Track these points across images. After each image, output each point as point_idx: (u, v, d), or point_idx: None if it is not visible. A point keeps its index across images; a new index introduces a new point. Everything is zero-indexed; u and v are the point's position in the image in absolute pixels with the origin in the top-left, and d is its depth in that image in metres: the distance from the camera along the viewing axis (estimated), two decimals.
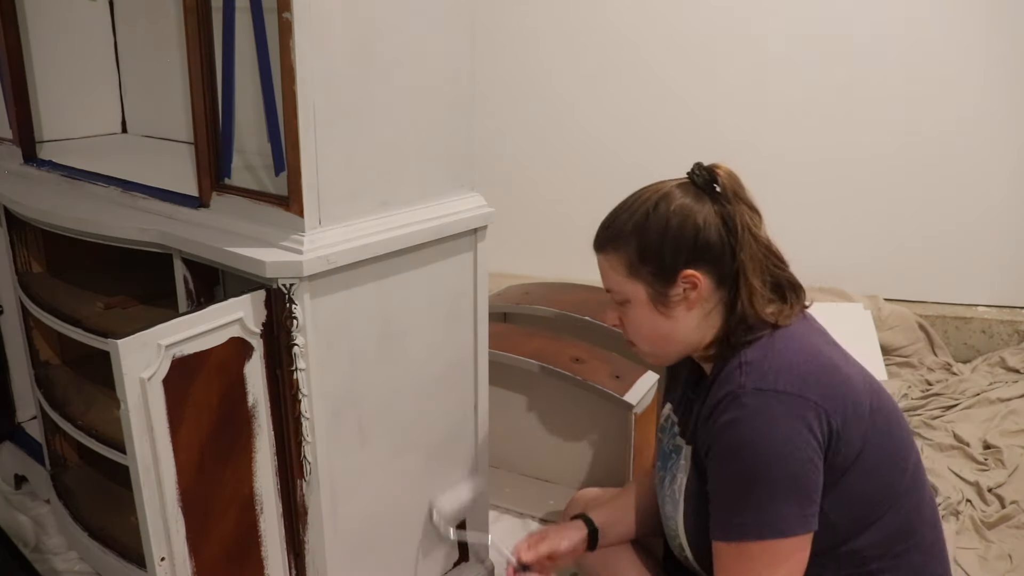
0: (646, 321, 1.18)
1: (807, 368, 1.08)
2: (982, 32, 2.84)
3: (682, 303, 1.14)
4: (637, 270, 1.15)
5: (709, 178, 1.15)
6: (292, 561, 1.39)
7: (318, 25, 1.17)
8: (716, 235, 1.12)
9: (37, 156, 1.79)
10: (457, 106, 1.44)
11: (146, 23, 2.00)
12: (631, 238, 1.15)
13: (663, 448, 1.31)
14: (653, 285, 1.15)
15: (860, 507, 1.11)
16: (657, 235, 1.13)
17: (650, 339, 1.20)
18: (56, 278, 1.80)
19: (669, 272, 1.13)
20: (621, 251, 1.16)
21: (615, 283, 1.18)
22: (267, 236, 1.27)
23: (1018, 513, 2.03)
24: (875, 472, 1.11)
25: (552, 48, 3.19)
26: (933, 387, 2.73)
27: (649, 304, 1.16)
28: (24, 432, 2.11)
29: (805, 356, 1.10)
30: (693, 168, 1.18)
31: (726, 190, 1.14)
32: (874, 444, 1.10)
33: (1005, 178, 2.95)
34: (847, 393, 1.09)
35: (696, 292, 1.13)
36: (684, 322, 1.16)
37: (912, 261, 3.07)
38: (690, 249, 1.12)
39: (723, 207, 1.13)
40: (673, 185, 1.17)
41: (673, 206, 1.13)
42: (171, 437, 1.16)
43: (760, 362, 1.09)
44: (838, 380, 1.09)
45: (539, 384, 2.08)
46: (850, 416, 1.08)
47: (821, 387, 1.06)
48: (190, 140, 1.48)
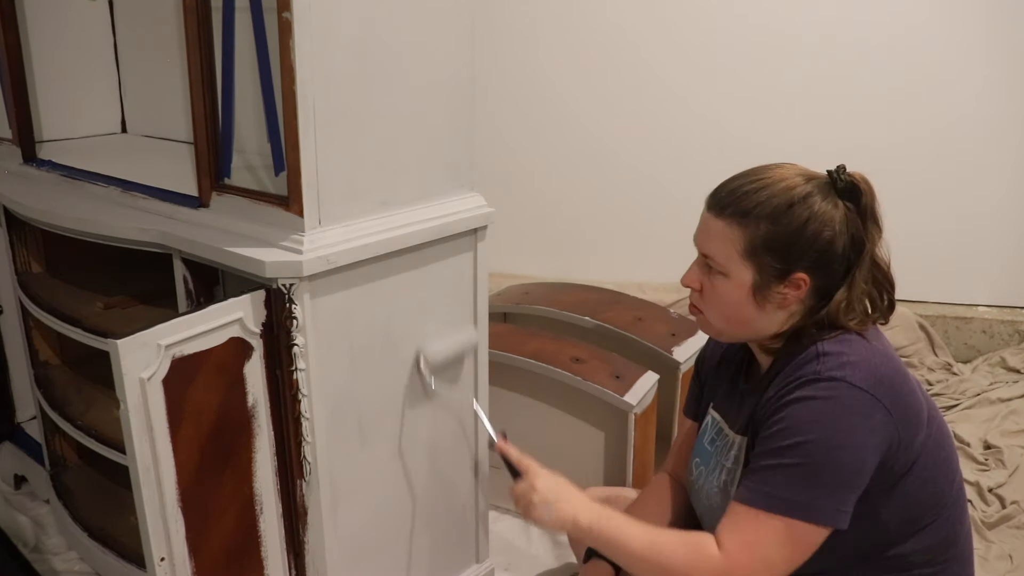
0: (735, 302, 1.15)
1: (883, 370, 1.08)
2: (982, 32, 2.84)
3: (779, 300, 1.13)
4: (757, 254, 1.12)
5: (851, 187, 1.13)
6: (292, 561, 1.39)
7: (318, 25, 1.17)
8: (841, 249, 1.11)
9: (37, 156, 1.79)
10: (457, 106, 1.44)
11: (146, 23, 2.00)
12: (764, 221, 1.11)
13: (703, 446, 1.30)
14: (764, 275, 1.12)
15: (912, 513, 1.12)
16: (792, 231, 1.10)
17: (727, 318, 1.17)
18: (56, 278, 1.80)
19: (787, 270, 1.11)
20: (747, 228, 1.12)
21: (723, 254, 1.14)
22: (267, 236, 1.27)
23: (1018, 513, 2.03)
24: (929, 480, 1.11)
25: (553, 48, 3.19)
26: (933, 387, 2.73)
27: (749, 289, 1.13)
28: (24, 432, 2.11)
29: (881, 358, 1.10)
30: (837, 170, 1.14)
31: (865, 203, 1.13)
32: (929, 453, 1.11)
33: (1005, 178, 2.95)
34: (913, 402, 1.09)
35: (797, 294, 1.12)
36: (770, 316, 1.15)
37: (912, 261, 3.05)
38: (816, 256, 1.11)
39: (857, 222, 1.12)
40: (814, 183, 1.13)
41: (816, 208, 1.10)
42: (171, 437, 1.16)
43: (838, 355, 1.08)
44: (907, 388, 1.09)
45: (539, 384, 2.08)
46: (912, 424, 1.08)
47: (893, 392, 1.06)
48: (190, 140, 1.48)
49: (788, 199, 1.11)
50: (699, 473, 1.30)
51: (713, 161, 3.09)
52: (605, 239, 3.30)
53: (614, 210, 3.25)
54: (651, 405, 2.00)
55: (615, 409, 1.97)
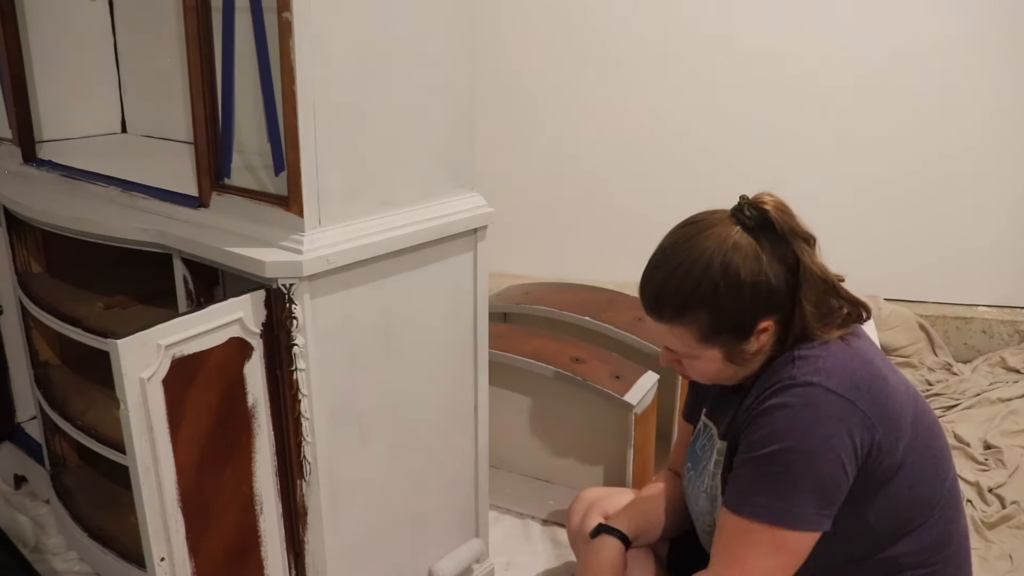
0: (716, 370, 1.18)
1: (859, 374, 1.08)
2: (982, 31, 2.84)
3: (755, 351, 1.15)
4: (711, 338, 1.14)
5: (760, 220, 1.12)
6: (292, 561, 1.39)
7: (318, 25, 1.17)
8: (783, 282, 1.11)
9: (37, 156, 1.79)
10: (457, 106, 1.44)
11: (146, 23, 2.00)
12: (701, 309, 1.12)
13: (695, 451, 1.31)
14: (728, 346, 1.14)
15: (901, 515, 1.12)
16: (732, 303, 1.11)
17: (715, 379, 1.21)
18: (56, 278, 1.80)
19: (746, 330, 1.13)
20: (691, 323, 1.13)
21: (683, 347, 1.17)
22: (267, 236, 1.27)
23: (1018, 513, 2.03)
24: (916, 482, 1.11)
25: (554, 48, 3.19)
26: (933, 387, 2.72)
27: (723, 358, 1.16)
28: (24, 432, 2.11)
29: (858, 362, 1.10)
30: (741, 207, 1.13)
31: (782, 228, 1.11)
32: (915, 455, 1.10)
33: (1005, 178, 2.95)
34: (893, 406, 1.09)
35: (767, 335, 1.14)
36: (752, 362, 1.17)
37: (912, 261, 3.07)
38: (764, 306, 1.12)
39: (783, 247, 1.11)
40: (728, 233, 1.12)
41: (740, 265, 1.10)
42: (171, 437, 1.16)
43: (814, 359, 1.09)
44: (886, 391, 1.09)
45: (539, 384, 2.08)
46: (893, 428, 1.08)
47: (870, 396, 1.06)
48: (190, 140, 1.48)
49: (712, 279, 1.10)
50: (690, 477, 1.31)
51: (714, 161, 3.09)
52: (605, 239, 3.30)
53: (614, 210, 3.25)
54: (651, 405, 2.00)
55: (615, 409, 1.97)
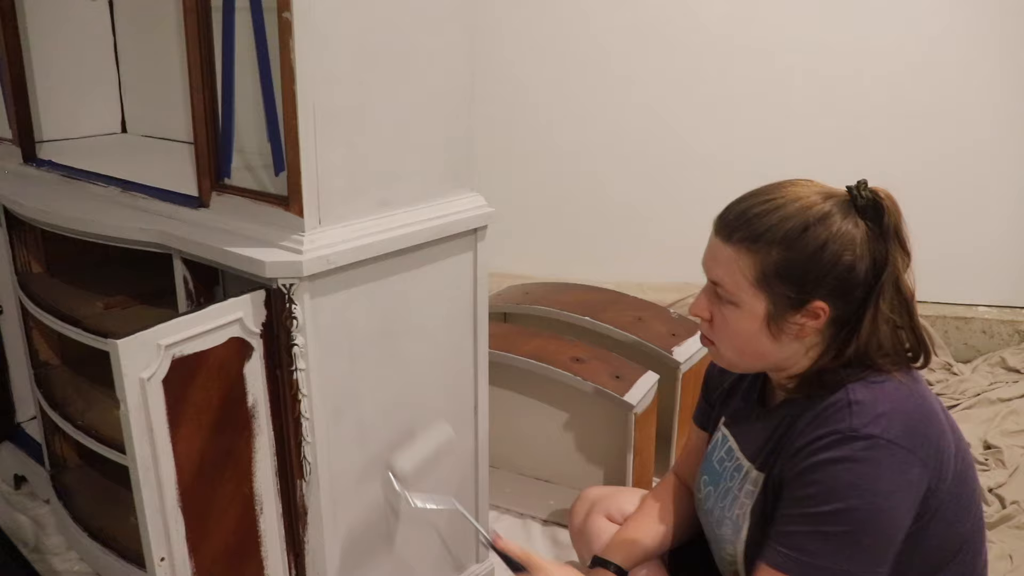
0: (748, 334, 1.07)
1: (916, 416, 1.01)
2: (982, 31, 2.84)
3: (796, 331, 1.05)
4: (769, 282, 1.03)
5: (872, 204, 1.04)
6: (292, 561, 1.39)
7: (318, 25, 1.17)
8: (863, 274, 1.03)
9: (37, 156, 1.79)
10: (457, 106, 1.44)
11: (146, 22, 2.00)
12: (776, 247, 1.02)
13: (712, 464, 1.23)
14: (778, 304, 1.04)
15: (932, 555, 1.07)
16: (807, 257, 1.02)
17: (740, 350, 1.10)
18: (56, 278, 1.80)
19: (802, 298, 1.03)
20: (758, 254, 1.03)
21: (732, 282, 1.06)
22: (267, 236, 1.27)
23: (1019, 513, 2.03)
24: (952, 522, 1.06)
25: (554, 48, 3.19)
26: (934, 387, 2.72)
27: (762, 320, 1.05)
28: (24, 432, 2.11)
29: (914, 404, 1.02)
30: (857, 185, 1.05)
31: (888, 222, 1.03)
32: (953, 493, 1.05)
33: (1006, 178, 2.95)
34: (945, 446, 1.03)
35: (814, 324, 1.04)
36: (786, 348, 1.07)
37: (912, 261, 3.06)
38: (834, 283, 1.02)
39: (879, 244, 1.03)
40: (832, 201, 1.04)
41: (834, 229, 1.02)
42: (171, 437, 1.16)
43: (871, 404, 1.00)
44: (939, 432, 1.03)
45: (539, 384, 2.08)
46: (943, 468, 1.02)
47: (927, 441, 1.00)
48: (190, 140, 1.48)
49: (803, 221, 1.02)
50: (707, 493, 1.24)
51: (715, 162, 3.09)
52: (605, 239, 3.30)
53: (614, 210, 3.25)
54: (651, 405, 2.00)
55: (615, 409, 1.97)
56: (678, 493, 1.38)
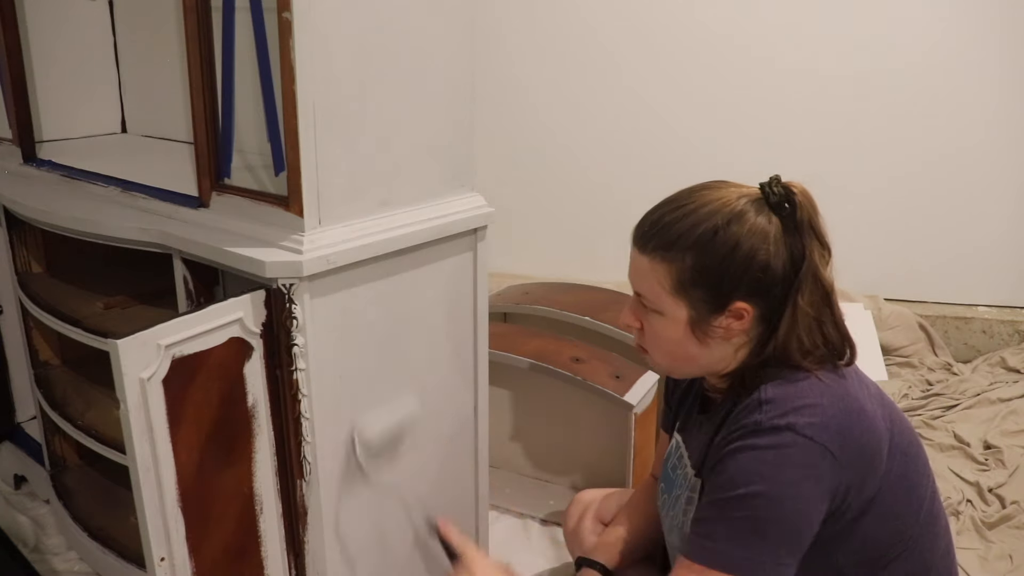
0: (675, 340, 1.08)
1: (831, 412, 1.00)
2: (983, 31, 2.84)
3: (722, 333, 1.06)
4: (686, 289, 1.04)
5: (785, 198, 1.04)
6: (292, 561, 1.39)
7: (318, 25, 1.17)
8: (781, 270, 1.03)
9: (37, 156, 1.79)
10: (458, 106, 1.44)
11: (146, 23, 2.00)
12: (689, 253, 1.03)
13: (667, 471, 1.25)
14: (698, 310, 1.05)
15: (871, 552, 1.06)
16: (721, 259, 1.02)
17: (671, 355, 1.12)
18: (56, 278, 1.80)
19: (722, 302, 1.04)
20: (673, 262, 1.04)
21: (652, 292, 1.08)
22: (267, 236, 1.27)
23: (1019, 513, 2.03)
24: (888, 517, 1.05)
25: (555, 48, 3.19)
26: (933, 387, 2.72)
27: (686, 326, 1.06)
28: (24, 432, 2.11)
29: (829, 399, 1.01)
30: (769, 181, 1.05)
31: (802, 215, 1.03)
32: (889, 489, 1.04)
33: (1006, 179, 2.95)
34: (869, 442, 1.02)
35: (740, 324, 1.05)
36: (715, 351, 1.08)
37: (912, 261, 3.07)
38: (752, 282, 1.03)
39: (794, 236, 1.03)
40: (744, 200, 1.05)
41: (745, 229, 1.02)
42: (171, 437, 1.16)
43: (781, 400, 1.01)
44: (862, 427, 1.02)
45: (539, 384, 2.08)
46: (867, 466, 1.02)
47: (841, 436, 0.99)
48: (190, 140, 1.48)
49: (712, 224, 1.03)
50: (663, 501, 1.25)
51: (715, 162, 3.09)
52: (605, 239, 3.30)
53: (614, 210, 3.25)
54: (651, 405, 2.00)
55: (615, 409, 1.97)
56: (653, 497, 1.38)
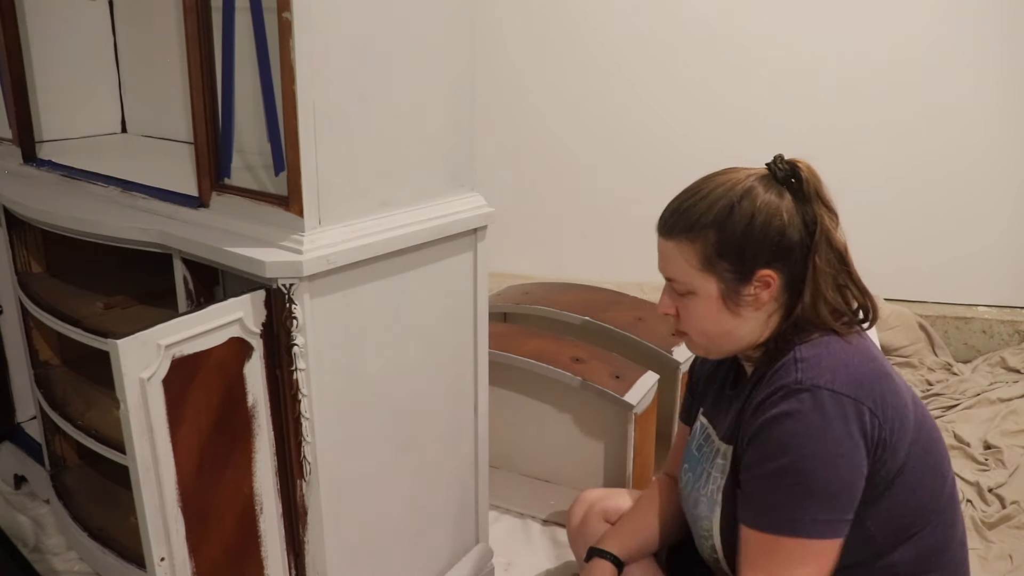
0: (711, 316, 1.15)
1: (863, 371, 1.06)
2: (983, 31, 2.84)
3: (752, 302, 1.12)
4: (713, 264, 1.12)
5: (791, 173, 1.12)
6: (292, 561, 1.39)
7: (318, 25, 1.17)
8: (797, 236, 1.10)
9: (37, 156, 1.79)
10: (458, 105, 1.44)
11: (146, 23, 2.00)
12: (710, 229, 1.11)
13: (692, 452, 1.29)
14: (727, 281, 1.12)
15: (900, 521, 1.10)
16: (741, 230, 1.10)
17: (709, 334, 1.17)
18: (56, 278, 1.80)
19: (747, 270, 1.11)
20: (697, 241, 1.12)
21: (683, 273, 1.15)
22: (267, 236, 1.27)
23: (1019, 513, 2.03)
24: (917, 487, 1.09)
25: (555, 48, 3.19)
26: (933, 387, 2.72)
27: (718, 300, 1.13)
28: (24, 432, 2.11)
29: (861, 359, 1.07)
30: (774, 160, 1.14)
31: (808, 187, 1.12)
32: (917, 458, 1.09)
33: (1006, 179, 2.95)
34: (898, 404, 1.07)
35: (768, 292, 1.12)
36: (749, 321, 1.14)
37: (912, 261, 3.07)
38: (772, 249, 1.10)
39: (804, 206, 1.11)
40: (753, 177, 1.14)
41: (759, 202, 1.10)
42: (171, 437, 1.16)
43: (816, 359, 1.06)
44: (891, 389, 1.07)
45: (539, 384, 2.08)
46: (898, 427, 1.06)
47: (876, 393, 1.04)
48: (190, 140, 1.48)
49: (728, 201, 1.11)
50: (687, 480, 1.29)
51: (715, 161, 3.09)
52: (605, 239, 3.30)
53: (615, 210, 3.25)
54: (651, 405, 2.00)
55: (615, 409, 1.97)
56: (670, 491, 1.40)
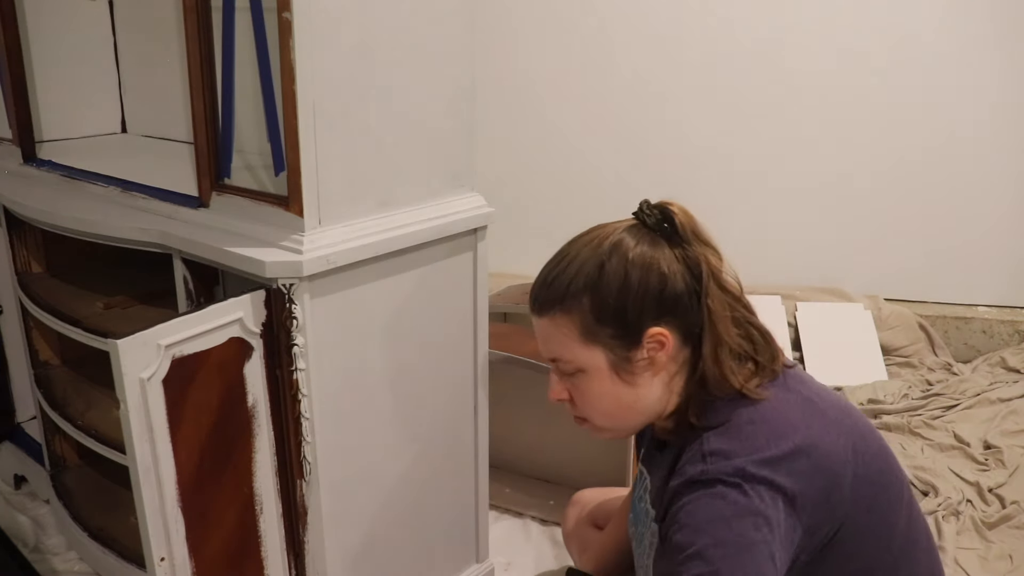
0: (606, 392, 1.03)
1: (777, 455, 0.94)
2: (982, 30, 2.84)
3: (648, 367, 1.01)
4: (594, 333, 1.00)
5: (662, 218, 1.02)
6: (292, 561, 1.39)
7: (318, 25, 1.17)
8: (682, 284, 0.99)
9: (37, 156, 1.79)
10: (458, 105, 1.44)
11: (146, 23, 2.00)
12: (582, 296, 1.00)
13: (635, 502, 1.19)
14: (614, 349, 1.01)
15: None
16: (616, 289, 0.99)
17: (609, 413, 1.06)
18: (56, 278, 1.80)
19: (633, 332, 0.99)
20: (572, 312, 1.01)
21: (565, 351, 1.03)
22: (267, 236, 1.27)
23: (1019, 513, 2.03)
24: (853, 556, 0.99)
25: (555, 48, 3.19)
26: (933, 387, 2.72)
27: (609, 372, 1.02)
28: (24, 432, 2.11)
29: (776, 439, 0.95)
30: (641, 207, 1.04)
31: (684, 230, 1.01)
32: (852, 525, 0.98)
33: (1005, 178, 2.95)
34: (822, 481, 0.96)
35: (664, 352, 1.00)
36: (649, 389, 1.03)
37: (912, 261, 3.07)
38: (656, 303, 0.99)
39: (684, 250, 1.01)
40: (621, 230, 1.03)
41: (631, 255, 1.00)
42: (171, 437, 1.16)
43: (725, 454, 0.95)
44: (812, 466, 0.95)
45: (539, 384, 2.08)
46: (822, 505, 0.96)
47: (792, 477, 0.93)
48: (190, 140, 1.48)
49: (597, 260, 1.01)
50: (632, 533, 1.19)
51: (714, 159, 3.09)
52: None
53: (615, 210, 3.24)
54: None
55: None
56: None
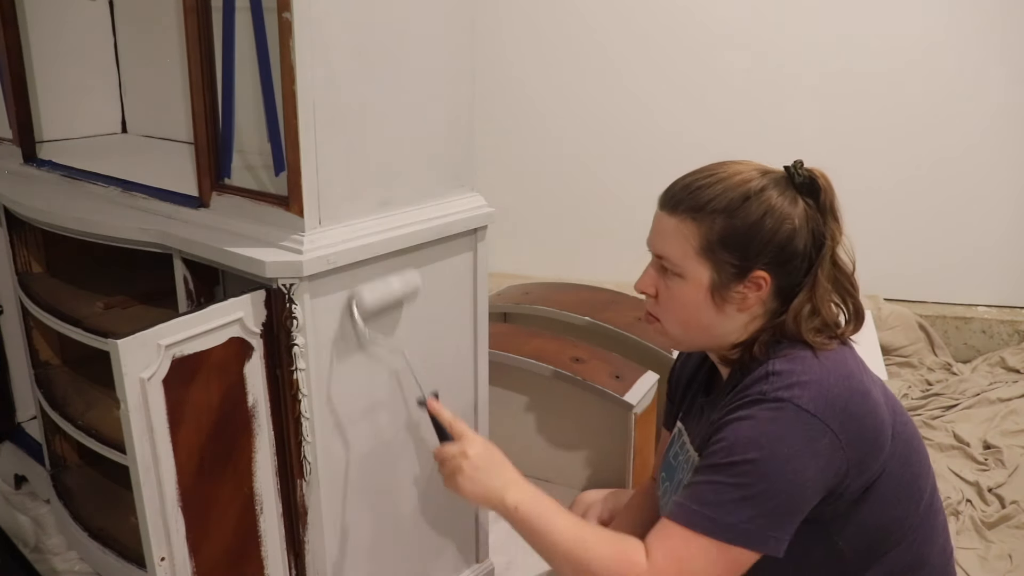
0: (692, 305, 1.08)
1: (835, 391, 1.00)
2: (982, 32, 2.84)
3: (739, 301, 1.07)
4: (712, 252, 1.05)
5: (809, 182, 1.07)
6: (292, 561, 1.39)
7: (318, 25, 1.17)
8: (802, 246, 1.05)
9: (37, 156, 1.79)
10: (458, 106, 1.44)
11: (146, 23, 2.00)
12: (720, 215, 1.05)
13: (669, 461, 1.24)
14: (721, 274, 1.06)
15: (871, 539, 1.06)
16: (749, 226, 1.04)
17: (685, 323, 1.11)
18: (56, 278, 1.80)
19: (745, 267, 1.05)
20: (702, 224, 1.05)
21: (678, 253, 1.08)
22: (267, 236, 1.27)
23: (1018, 513, 2.03)
24: (889, 504, 1.05)
25: (555, 48, 3.19)
26: (933, 387, 2.73)
27: (707, 290, 1.07)
28: (24, 432, 2.11)
29: (836, 377, 1.01)
30: (794, 164, 1.09)
31: (825, 199, 1.07)
32: (890, 475, 1.04)
33: (1006, 178, 2.95)
34: (872, 424, 1.02)
35: (757, 295, 1.06)
36: (730, 320, 1.08)
37: (912, 261, 3.07)
38: (775, 253, 1.05)
39: (817, 218, 1.06)
40: (771, 176, 1.08)
41: (774, 201, 1.05)
42: (171, 437, 1.16)
43: (788, 374, 1.01)
44: (865, 409, 1.01)
45: (539, 384, 2.08)
46: (868, 448, 1.01)
47: (844, 415, 0.99)
48: (190, 140, 1.48)
49: (744, 192, 1.05)
50: (665, 488, 1.24)
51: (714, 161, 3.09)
52: (605, 239, 3.30)
53: (615, 210, 3.25)
54: (651, 405, 2.00)
55: (615, 409, 1.97)
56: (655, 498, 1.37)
